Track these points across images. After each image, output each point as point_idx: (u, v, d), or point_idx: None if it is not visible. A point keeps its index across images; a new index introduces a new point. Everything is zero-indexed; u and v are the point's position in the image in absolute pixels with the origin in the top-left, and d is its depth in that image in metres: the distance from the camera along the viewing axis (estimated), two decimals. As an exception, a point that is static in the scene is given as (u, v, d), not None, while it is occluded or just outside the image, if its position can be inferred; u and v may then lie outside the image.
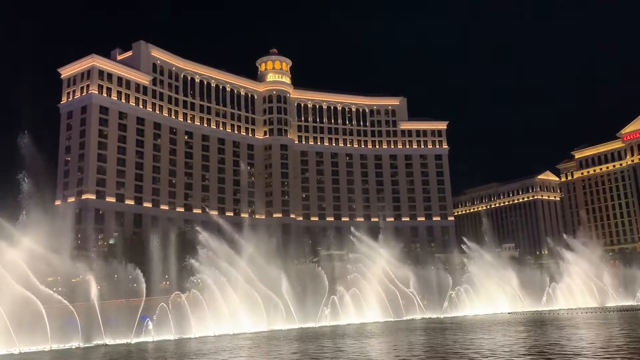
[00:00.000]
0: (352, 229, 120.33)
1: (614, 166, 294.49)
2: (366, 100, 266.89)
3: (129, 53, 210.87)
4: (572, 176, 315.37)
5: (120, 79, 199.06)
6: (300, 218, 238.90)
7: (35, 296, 66.37)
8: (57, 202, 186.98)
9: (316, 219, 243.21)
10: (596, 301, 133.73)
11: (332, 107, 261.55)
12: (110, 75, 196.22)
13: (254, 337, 74.81)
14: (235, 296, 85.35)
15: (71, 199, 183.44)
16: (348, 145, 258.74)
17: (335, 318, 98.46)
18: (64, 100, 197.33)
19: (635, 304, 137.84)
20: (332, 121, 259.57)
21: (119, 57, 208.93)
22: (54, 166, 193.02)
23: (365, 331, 76.99)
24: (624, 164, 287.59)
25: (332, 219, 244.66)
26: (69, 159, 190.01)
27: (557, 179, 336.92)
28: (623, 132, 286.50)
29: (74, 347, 68.09)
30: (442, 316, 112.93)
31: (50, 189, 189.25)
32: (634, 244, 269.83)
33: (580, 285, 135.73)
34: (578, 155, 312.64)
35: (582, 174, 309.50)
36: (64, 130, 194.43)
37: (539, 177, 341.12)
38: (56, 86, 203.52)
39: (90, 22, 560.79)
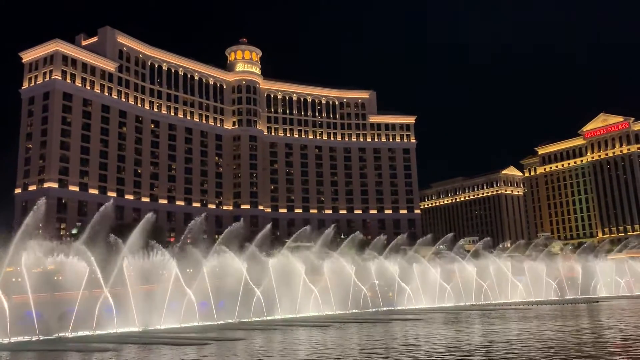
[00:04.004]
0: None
1: (575, 162, 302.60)
2: (336, 92, 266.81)
3: (95, 39, 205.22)
4: (535, 172, 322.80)
5: (84, 65, 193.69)
6: (269, 210, 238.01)
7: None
8: (17, 191, 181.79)
9: (284, 211, 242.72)
10: (556, 294, 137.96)
11: (302, 99, 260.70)
12: (74, 61, 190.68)
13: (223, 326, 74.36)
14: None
15: (32, 188, 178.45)
16: (317, 137, 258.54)
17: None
18: (25, 85, 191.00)
19: (593, 296, 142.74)
20: (302, 113, 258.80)
21: (84, 43, 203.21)
22: (15, 153, 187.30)
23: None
24: (585, 161, 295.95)
25: (300, 211, 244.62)
26: (30, 146, 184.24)
27: (520, 174, 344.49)
28: (584, 130, 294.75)
29: (33, 339, 66.43)
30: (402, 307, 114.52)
31: (10, 177, 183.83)
32: (592, 238, 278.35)
33: (541, 278, 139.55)
34: (541, 151, 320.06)
35: (544, 169, 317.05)
36: (25, 117, 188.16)
37: (503, 172, 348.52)
38: (18, 70, 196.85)
39: (55, 5, 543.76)
